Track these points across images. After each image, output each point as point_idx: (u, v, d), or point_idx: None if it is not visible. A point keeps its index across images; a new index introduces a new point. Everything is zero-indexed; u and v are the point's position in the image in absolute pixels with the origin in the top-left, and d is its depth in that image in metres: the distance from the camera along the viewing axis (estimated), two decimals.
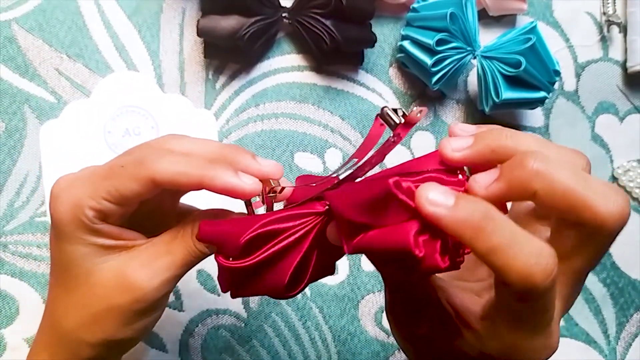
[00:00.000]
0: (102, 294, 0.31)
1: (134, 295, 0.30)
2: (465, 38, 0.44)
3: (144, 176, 0.29)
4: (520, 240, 0.23)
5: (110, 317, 0.31)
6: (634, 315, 0.50)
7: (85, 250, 0.30)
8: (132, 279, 0.30)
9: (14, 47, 0.45)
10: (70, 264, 0.31)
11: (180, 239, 0.30)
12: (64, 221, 0.30)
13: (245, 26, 0.43)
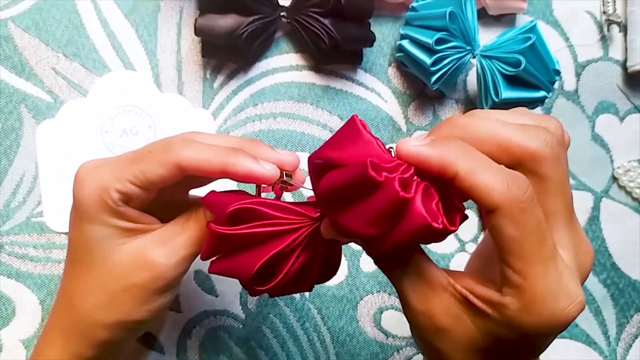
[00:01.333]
0: (121, 274, 0.32)
1: (153, 273, 0.32)
2: (465, 37, 0.43)
3: (170, 161, 0.30)
4: (493, 163, 0.26)
5: (128, 297, 0.32)
6: (634, 316, 0.49)
7: (107, 231, 0.32)
8: (150, 258, 0.32)
9: (10, 47, 0.44)
10: (90, 245, 0.32)
11: (194, 219, 0.32)
12: (89, 202, 0.31)
13: (243, 25, 0.42)
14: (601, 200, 0.49)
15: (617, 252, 0.49)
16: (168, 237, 0.32)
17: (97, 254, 0.32)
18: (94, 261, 0.32)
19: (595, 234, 0.49)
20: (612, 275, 0.49)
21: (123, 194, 0.31)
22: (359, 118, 0.27)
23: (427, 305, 0.29)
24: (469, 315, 0.28)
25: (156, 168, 0.31)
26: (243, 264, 0.30)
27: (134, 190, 0.31)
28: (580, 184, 0.49)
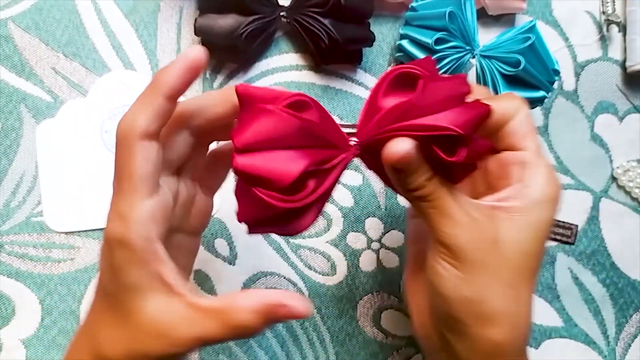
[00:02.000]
0: (156, 333, 0.30)
1: (168, 345, 0.29)
2: (464, 37, 0.43)
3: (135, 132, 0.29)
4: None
5: (159, 354, 0.30)
6: (634, 315, 0.50)
7: (141, 277, 0.29)
8: (173, 335, 0.29)
9: (10, 46, 0.44)
10: (126, 290, 0.30)
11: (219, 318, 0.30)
12: (138, 241, 0.29)
13: (243, 25, 0.42)
14: (600, 200, 0.49)
15: (616, 252, 0.49)
16: (192, 311, 0.30)
17: (133, 304, 0.30)
18: (128, 311, 0.30)
19: (594, 234, 0.49)
20: (612, 275, 0.49)
21: (150, 215, 0.30)
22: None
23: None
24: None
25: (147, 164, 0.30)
26: (293, 220, 0.29)
27: (155, 202, 0.30)
28: (580, 184, 0.49)
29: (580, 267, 0.49)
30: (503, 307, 0.31)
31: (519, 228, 0.31)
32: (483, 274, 0.31)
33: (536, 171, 0.32)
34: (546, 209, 0.32)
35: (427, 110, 0.29)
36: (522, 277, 0.32)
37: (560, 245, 0.49)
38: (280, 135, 0.28)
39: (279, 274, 0.46)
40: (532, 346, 0.48)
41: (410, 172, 0.30)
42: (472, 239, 0.30)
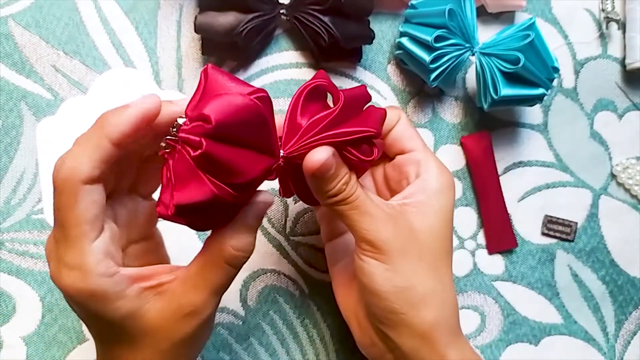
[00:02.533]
0: (168, 335, 0.32)
1: (199, 316, 0.32)
2: (464, 35, 0.43)
3: (78, 186, 0.29)
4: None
5: (184, 348, 0.32)
6: (633, 312, 0.50)
7: (126, 304, 0.30)
8: (188, 305, 0.31)
9: (11, 44, 0.44)
10: (118, 326, 0.31)
11: (212, 263, 0.32)
12: (91, 296, 0.30)
13: (243, 22, 0.42)
14: (600, 197, 0.49)
15: (615, 249, 0.49)
16: (191, 278, 0.32)
17: (133, 329, 0.31)
18: (135, 336, 0.31)
19: (593, 231, 0.49)
20: (611, 272, 0.49)
21: (105, 259, 0.30)
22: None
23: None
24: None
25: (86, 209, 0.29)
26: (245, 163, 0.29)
27: (104, 245, 0.30)
28: (579, 181, 0.49)
29: (580, 264, 0.49)
30: (430, 288, 0.34)
31: (428, 217, 0.35)
32: (407, 262, 0.34)
33: (429, 165, 0.37)
34: (446, 195, 0.36)
35: (343, 119, 0.32)
36: (440, 258, 0.35)
37: (560, 242, 0.49)
38: (246, 125, 0.28)
39: (279, 271, 0.46)
40: (531, 343, 0.48)
41: (330, 179, 0.32)
42: (391, 231, 0.33)
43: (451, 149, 0.48)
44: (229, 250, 0.31)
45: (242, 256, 0.32)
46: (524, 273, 0.48)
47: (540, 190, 0.49)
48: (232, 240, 0.31)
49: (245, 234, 0.31)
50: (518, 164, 0.49)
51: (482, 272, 0.48)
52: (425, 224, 0.35)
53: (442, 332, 0.34)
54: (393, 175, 0.39)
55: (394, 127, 0.38)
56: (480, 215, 0.48)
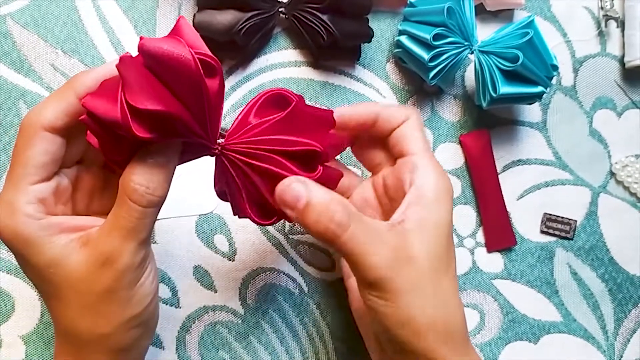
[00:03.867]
0: (92, 287, 0.31)
1: (117, 266, 0.31)
2: (463, 33, 0.43)
3: (38, 130, 0.30)
4: (387, 105, 0.39)
5: (113, 301, 0.31)
6: (632, 311, 0.50)
7: (50, 251, 0.30)
8: (105, 252, 0.31)
9: (9, 43, 0.44)
10: (45, 272, 0.31)
11: (119, 204, 0.31)
12: (12, 236, 0.30)
13: (242, 21, 0.42)
14: (599, 195, 0.49)
15: (615, 247, 0.49)
16: (106, 224, 0.31)
17: (59, 279, 0.31)
18: (60, 288, 0.31)
19: (593, 229, 0.49)
20: (610, 270, 0.49)
21: (36, 203, 0.30)
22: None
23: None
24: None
25: (35, 147, 0.30)
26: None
27: (40, 189, 0.31)
28: (578, 179, 0.49)
29: (579, 262, 0.49)
30: (433, 316, 0.32)
31: (428, 234, 0.33)
32: (407, 295, 0.32)
33: (424, 171, 0.35)
34: (443, 203, 0.34)
35: (293, 130, 0.32)
36: (441, 276, 0.33)
37: (559, 240, 0.49)
38: (174, 72, 0.28)
39: (278, 270, 0.46)
40: (530, 341, 0.48)
41: (305, 212, 0.31)
42: (389, 267, 0.32)
43: (450, 147, 0.48)
44: (130, 184, 0.30)
45: (143, 191, 0.30)
46: (523, 271, 0.48)
47: (539, 189, 0.49)
48: (132, 174, 0.30)
49: (146, 167, 0.30)
50: (517, 162, 0.49)
51: (481, 270, 0.48)
52: (425, 244, 0.33)
53: (450, 350, 0.33)
54: (392, 183, 0.37)
55: (399, 127, 0.37)
56: (480, 214, 0.48)
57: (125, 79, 0.28)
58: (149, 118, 0.28)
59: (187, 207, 0.45)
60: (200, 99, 0.29)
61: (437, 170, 0.35)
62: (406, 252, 0.32)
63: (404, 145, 0.36)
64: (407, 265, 0.32)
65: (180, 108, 0.28)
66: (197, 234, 0.45)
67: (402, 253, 0.32)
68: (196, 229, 0.45)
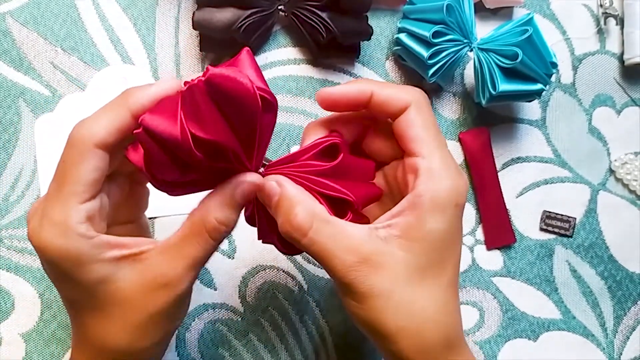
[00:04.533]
0: (140, 305, 0.31)
1: (171, 289, 0.31)
2: (462, 30, 0.43)
3: (90, 147, 0.29)
4: (387, 85, 0.34)
5: (155, 323, 0.32)
6: (632, 308, 0.50)
7: (101, 269, 0.30)
8: (161, 275, 0.31)
9: (9, 41, 0.44)
10: (91, 291, 0.31)
11: (193, 234, 0.31)
12: (61, 253, 0.30)
13: (241, 18, 0.42)
14: (598, 193, 0.49)
15: (614, 245, 0.49)
16: (170, 248, 0.31)
17: (105, 296, 0.31)
18: (108, 304, 0.31)
19: (592, 227, 0.49)
20: (610, 268, 0.49)
21: (86, 219, 0.30)
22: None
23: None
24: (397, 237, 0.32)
25: (88, 169, 0.30)
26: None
27: (90, 207, 0.30)
28: (578, 177, 0.49)
29: (579, 259, 0.49)
30: (405, 323, 0.32)
31: (410, 243, 0.32)
32: (377, 300, 0.31)
33: (427, 177, 0.32)
34: (440, 214, 0.32)
35: (334, 178, 0.33)
36: (423, 286, 0.32)
37: (559, 238, 0.49)
38: (234, 103, 0.29)
39: (277, 268, 0.46)
40: (530, 339, 0.48)
41: (278, 206, 0.32)
42: (354, 269, 0.31)
43: (450, 145, 0.48)
44: (213, 222, 0.31)
45: (224, 230, 0.31)
46: (523, 269, 0.48)
47: (538, 186, 0.49)
48: (216, 211, 0.31)
49: (230, 207, 0.31)
50: (516, 160, 0.49)
51: (481, 267, 0.48)
52: (404, 253, 0.32)
53: (436, 352, 0.32)
54: (400, 179, 0.35)
55: (399, 116, 0.33)
56: (479, 211, 0.48)
57: (186, 106, 0.28)
58: (204, 143, 0.29)
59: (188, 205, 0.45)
60: (254, 132, 0.30)
61: (442, 178, 0.32)
62: (379, 258, 0.31)
63: (406, 142, 0.33)
64: (377, 271, 0.31)
65: (232, 139, 0.29)
66: None
67: (375, 258, 0.31)
68: None
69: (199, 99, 0.28)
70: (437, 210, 0.32)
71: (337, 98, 0.34)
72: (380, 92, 0.33)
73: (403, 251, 0.32)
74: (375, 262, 0.31)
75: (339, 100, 0.34)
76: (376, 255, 0.31)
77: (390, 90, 0.33)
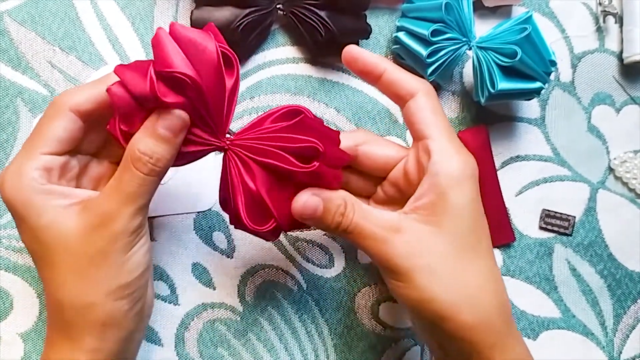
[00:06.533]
0: (84, 249, 0.32)
1: (111, 227, 0.32)
2: (461, 29, 0.43)
3: (65, 108, 0.33)
4: (402, 69, 0.37)
5: (102, 266, 0.32)
6: (632, 306, 0.50)
7: (49, 214, 0.32)
8: (100, 213, 0.32)
9: (6, 40, 0.44)
10: (42, 235, 0.32)
11: (124, 169, 0.32)
12: (17, 197, 0.32)
13: (239, 17, 0.42)
14: (597, 191, 0.49)
15: (613, 243, 0.49)
16: (108, 189, 0.33)
17: (54, 240, 0.32)
18: (54, 250, 0.32)
19: (591, 225, 0.49)
20: (609, 266, 0.49)
21: (42, 170, 0.32)
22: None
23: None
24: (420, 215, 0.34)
25: (56, 124, 0.33)
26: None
27: (49, 160, 0.33)
28: (577, 175, 0.49)
29: (578, 258, 0.49)
30: (452, 297, 0.33)
31: (443, 218, 0.34)
32: (420, 276, 0.33)
33: (439, 157, 0.34)
34: (458, 190, 0.34)
35: (299, 134, 0.34)
36: (463, 259, 0.34)
37: (558, 236, 0.49)
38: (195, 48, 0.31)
39: (276, 267, 0.46)
40: (529, 337, 0.48)
41: (323, 216, 0.34)
42: (397, 250, 0.33)
43: None
44: (135, 152, 0.32)
45: (147, 160, 0.32)
46: (522, 267, 0.48)
47: (537, 185, 0.49)
48: (139, 142, 0.32)
49: (152, 138, 0.32)
50: (515, 158, 0.49)
51: None
52: (436, 232, 0.33)
53: (484, 334, 0.33)
54: (411, 170, 0.37)
55: (407, 103, 0.36)
56: None
57: (158, 48, 0.31)
58: (173, 87, 0.31)
59: (186, 205, 0.45)
60: (219, 89, 0.32)
61: (453, 154, 0.34)
62: (415, 234, 0.34)
63: (415, 126, 0.36)
64: (415, 247, 0.33)
65: (201, 83, 0.31)
66: (195, 231, 0.45)
67: (410, 235, 0.34)
68: (195, 226, 0.45)
69: (171, 43, 0.31)
70: (455, 185, 0.34)
71: (357, 57, 0.37)
72: (393, 72, 0.36)
73: (435, 227, 0.33)
74: (411, 238, 0.33)
75: (357, 59, 0.37)
76: (411, 231, 0.33)
77: (403, 75, 0.36)
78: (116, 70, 0.31)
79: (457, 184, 0.34)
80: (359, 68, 0.37)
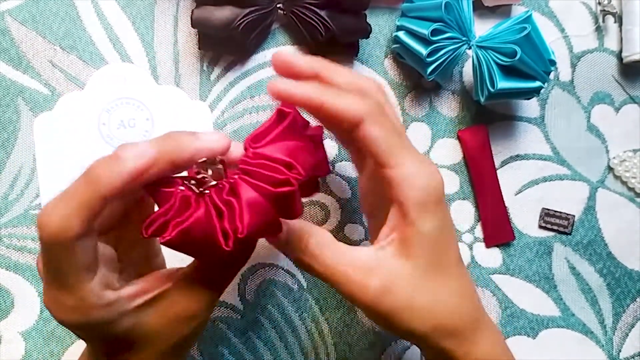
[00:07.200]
0: (165, 336, 0.33)
1: (195, 321, 0.33)
2: (461, 28, 0.43)
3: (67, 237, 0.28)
4: (344, 92, 0.33)
5: (179, 348, 0.34)
6: (631, 305, 0.50)
7: (126, 321, 0.31)
8: (185, 312, 0.33)
9: (7, 39, 0.44)
10: (121, 337, 0.32)
11: (207, 268, 0.34)
12: (92, 324, 0.30)
13: (240, 17, 0.42)
14: (597, 190, 0.50)
15: (613, 242, 0.50)
16: (189, 283, 0.33)
17: (131, 338, 0.32)
18: (131, 344, 0.33)
19: (591, 224, 0.49)
20: (608, 265, 0.49)
21: (101, 286, 0.31)
22: None
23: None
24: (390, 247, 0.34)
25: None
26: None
27: (100, 275, 0.31)
28: (576, 174, 0.49)
29: (577, 257, 0.49)
30: (432, 323, 0.33)
31: (411, 250, 0.33)
32: (401, 314, 0.33)
33: (402, 186, 0.32)
34: (427, 215, 0.33)
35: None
36: (434, 284, 0.34)
37: (557, 235, 0.49)
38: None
39: (277, 266, 0.46)
40: (529, 336, 0.48)
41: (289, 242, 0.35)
42: (375, 292, 0.33)
43: (448, 142, 0.48)
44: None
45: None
46: (522, 266, 0.49)
47: (537, 184, 0.49)
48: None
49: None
50: (515, 157, 0.49)
51: (480, 265, 0.48)
52: (414, 259, 0.33)
53: (466, 334, 0.34)
54: (373, 189, 0.37)
55: (355, 130, 0.32)
56: (478, 209, 0.48)
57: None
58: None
59: None
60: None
61: (416, 178, 0.33)
62: (391, 274, 0.33)
63: (371, 155, 0.33)
64: (392, 288, 0.33)
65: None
66: None
67: (387, 275, 0.33)
68: None
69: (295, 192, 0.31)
70: (422, 212, 0.33)
71: (290, 96, 0.32)
72: (331, 105, 0.32)
73: (410, 260, 0.33)
74: (388, 279, 0.33)
75: (292, 98, 0.32)
76: (387, 271, 0.33)
77: (341, 102, 0.32)
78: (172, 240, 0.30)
79: (425, 211, 0.32)
80: (299, 104, 0.33)
